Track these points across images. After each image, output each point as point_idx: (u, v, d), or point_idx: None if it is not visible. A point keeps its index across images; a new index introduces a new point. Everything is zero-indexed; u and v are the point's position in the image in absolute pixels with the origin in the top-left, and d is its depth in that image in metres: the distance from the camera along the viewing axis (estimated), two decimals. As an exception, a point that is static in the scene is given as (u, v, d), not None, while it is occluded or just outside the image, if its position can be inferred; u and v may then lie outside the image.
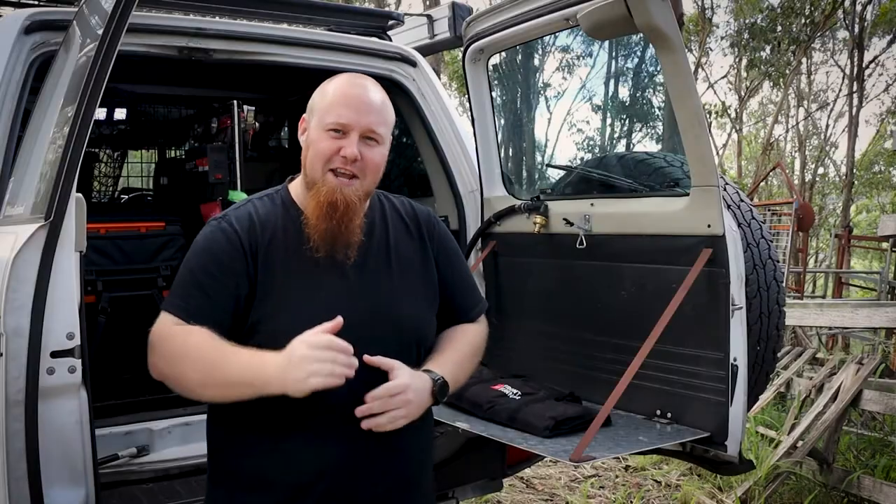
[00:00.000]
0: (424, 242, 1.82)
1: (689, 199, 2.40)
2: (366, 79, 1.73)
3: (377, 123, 1.66)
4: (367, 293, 1.69)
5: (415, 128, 3.46)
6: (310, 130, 1.69)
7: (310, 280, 1.66)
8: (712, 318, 2.35)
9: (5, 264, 1.76)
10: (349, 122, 1.63)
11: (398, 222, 1.81)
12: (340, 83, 1.69)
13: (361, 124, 1.64)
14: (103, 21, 1.78)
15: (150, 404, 2.78)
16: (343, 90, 1.67)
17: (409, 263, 1.77)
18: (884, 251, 12.11)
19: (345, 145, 1.62)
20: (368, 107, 1.66)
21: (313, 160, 1.66)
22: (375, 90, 1.70)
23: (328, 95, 1.68)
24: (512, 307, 3.13)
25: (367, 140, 1.65)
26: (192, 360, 1.57)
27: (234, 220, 1.68)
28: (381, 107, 1.69)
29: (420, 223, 1.83)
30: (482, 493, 3.39)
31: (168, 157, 4.70)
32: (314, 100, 1.71)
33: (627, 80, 6.60)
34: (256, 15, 3.10)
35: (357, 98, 1.66)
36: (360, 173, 1.65)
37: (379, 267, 1.73)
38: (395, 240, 1.77)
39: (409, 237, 1.81)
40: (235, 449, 1.70)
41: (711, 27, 19.62)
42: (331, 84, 1.70)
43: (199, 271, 1.64)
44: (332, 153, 1.63)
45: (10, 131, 2.33)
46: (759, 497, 4.52)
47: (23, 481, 1.75)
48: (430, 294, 1.80)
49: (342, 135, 1.63)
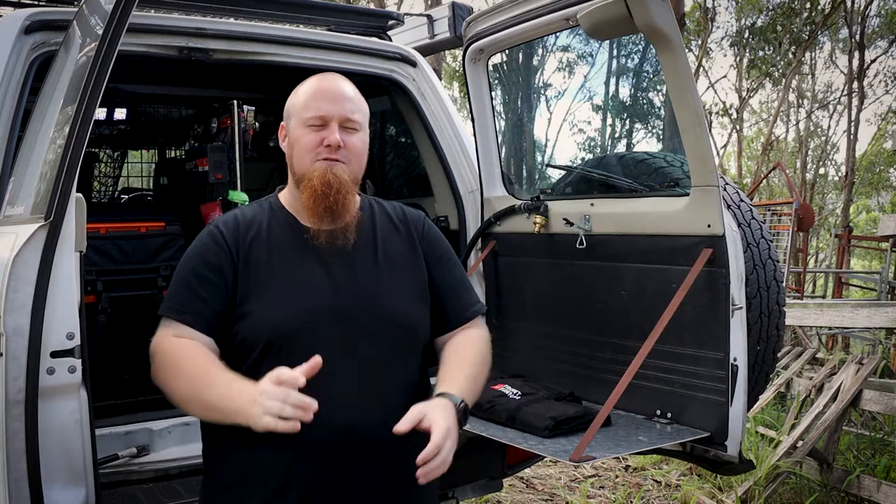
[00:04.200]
0: (413, 241, 1.84)
1: (689, 199, 2.40)
2: (336, 74, 1.80)
3: (353, 111, 1.73)
4: (352, 284, 1.71)
5: (415, 128, 3.46)
6: (290, 132, 1.76)
7: (294, 272, 1.69)
8: (712, 318, 2.35)
9: (5, 264, 1.76)
10: (327, 112, 1.70)
11: (386, 223, 1.85)
12: (311, 81, 1.77)
13: (339, 113, 1.71)
14: (103, 21, 1.78)
15: (150, 404, 2.78)
16: (315, 86, 1.75)
17: (396, 257, 1.79)
18: (884, 251, 12.11)
19: (327, 135, 1.69)
20: (343, 96, 1.73)
21: (300, 155, 1.72)
22: (345, 83, 1.78)
23: (302, 95, 1.75)
24: (512, 307, 3.13)
25: (347, 128, 1.72)
26: (182, 375, 1.61)
27: (221, 224, 1.76)
28: (354, 96, 1.76)
29: (409, 224, 1.87)
30: (482, 493, 3.39)
31: (168, 157, 4.69)
32: (289, 104, 1.78)
33: (627, 79, 6.60)
34: (256, 15, 3.10)
35: (330, 90, 1.73)
36: (346, 159, 1.71)
37: (365, 259, 1.75)
38: (383, 236, 1.80)
39: (398, 234, 1.83)
40: (221, 451, 1.72)
41: (712, 27, 19.62)
42: (302, 85, 1.78)
43: (189, 272, 1.71)
44: (317, 144, 1.70)
45: (10, 131, 2.33)
46: (759, 497, 4.52)
47: (23, 481, 1.75)
48: (419, 288, 1.80)
49: (322, 127, 1.70)
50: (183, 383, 1.60)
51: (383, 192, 4.29)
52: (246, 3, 3.06)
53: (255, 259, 1.70)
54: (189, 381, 1.60)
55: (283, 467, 1.64)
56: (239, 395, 1.49)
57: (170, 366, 1.63)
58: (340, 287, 1.70)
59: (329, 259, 1.72)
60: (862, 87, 20.51)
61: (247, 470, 1.67)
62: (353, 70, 3.19)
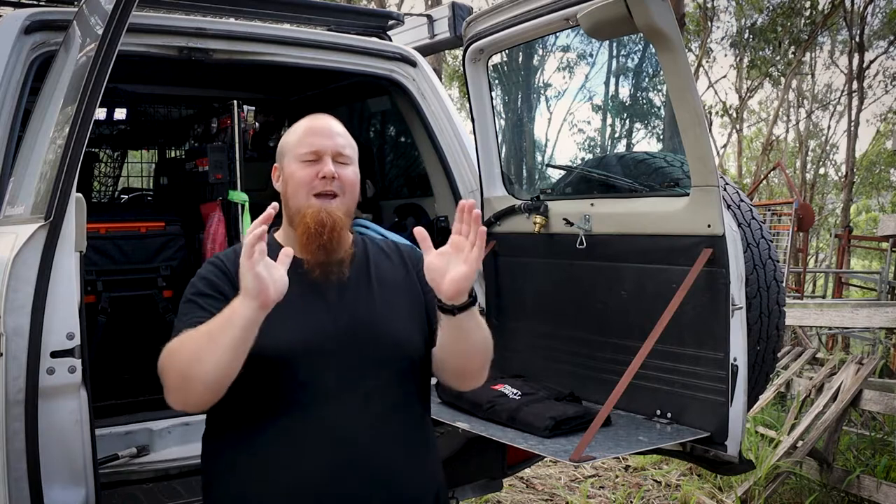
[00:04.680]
0: (407, 267, 1.88)
1: (689, 199, 2.40)
2: (324, 115, 1.87)
3: (344, 146, 1.79)
4: (347, 309, 1.73)
5: (415, 128, 3.46)
6: (284, 170, 1.80)
7: (290, 301, 1.67)
8: (712, 318, 2.35)
9: (5, 264, 1.76)
10: (320, 147, 1.76)
11: (378, 253, 1.89)
12: (303, 122, 1.83)
13: (331, 147, 1.77)
14: (103, 21, 1.78)
15: (150, 404, 2.78)
16: (308, 125, 1.81)
17: (391, 283, 1.82)
18: (884, 251, 12.10)
19: (321, 167, 1.74)
20: (334, 132, 1.80)
21: (295, 190, 1.76)
22: (335, 122, 1.85)
23: (294, 134, 1.81)
24: (512, 307, 3.13)
25: (339, 162, 1.77)
26: (186, 349, 1.57)
27: (221, 255, 1.81)
28: (344, 133, 1.83)
29: (402, 253, 1.91)
30: (482, 493, 3.39)
31: (168, 157, 4.69)
32: (282, 144, 1.83)
33: (627, 79, 6.58)
34: (256, 15, 3.10)
35: (322, 128, 1.80)
36: (340, 191, 1.76)
37: (359, 287, 1.78)
38: (376, 264, 1.84)
39: (390, 262, 1.87)
40: (219, 470, 1.73)
41: (711, 27, 19.63)
42: (294, 127, 1.84)
43: (195, 294, 1.72)
44: (312, 178, 1.74)
45: (10, 131, 2.33)
46: (759, 497, 4.52)
47: (23, 481, 1.75)
48: (415, 312, 1.81)
49: (316, 161, 1.75)
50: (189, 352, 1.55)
51: (383, 192, 4.29)
52: (246, 3, 3.06)
53: None
54: (193, 345, 1.55)
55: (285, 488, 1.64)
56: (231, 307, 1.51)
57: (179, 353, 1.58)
58: (336, 315, 1.71)
59: (324, 290, 1.74)
60: (862, 88, 20.51)
61: (247, 478, 1.67)
62: (353, 70, 3.20)
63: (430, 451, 1.86)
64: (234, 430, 1.68)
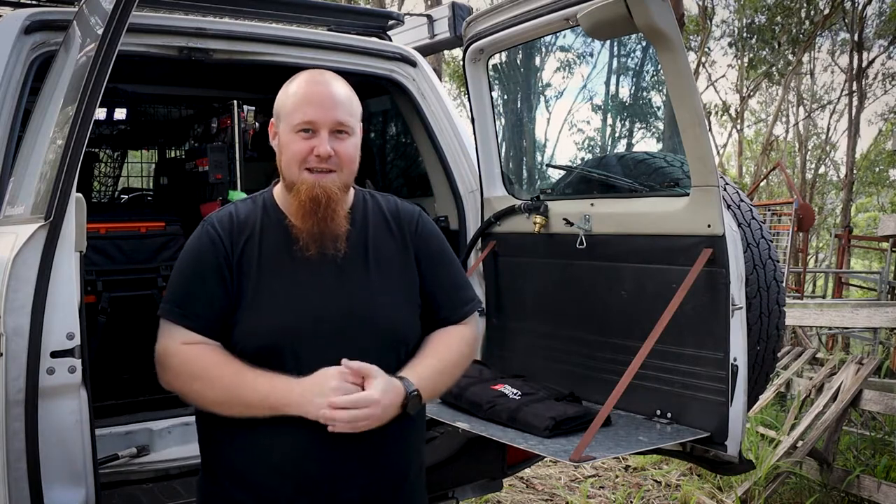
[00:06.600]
0: (406, 240, 1.81)
1: (689, 199, 2.40)
2: (326, 73, 1.74)
3: (344, 115, 1.68)
4: (342, 291, 1.70)
5: (415, 128, 3.46)
6: (280, 134, 1.71)
7: (283, 279, 1.68)
8: (712, 318, 2.35)
9: (5, 264, 1.75)
10: (316, 118, 1.65)
11: (380, 221, 1.81)
12: (302, 82, 1.71)
13: (329, 119, 1.66)
14: (103, 21, 1.78)
15: (150, 404, 2.79)
16: (305, 89, 1.69)
17: (388, 263, 1.77)
18: (884, 251, 12.11)
19: (316, 144, 1.65)
20: (333, 101, 1.68)
21: (288, 163, 1.69)
22: (337, 83, 1.72)
23: (291, 96, 1.69)
24: (512, 307, 3.13)
25: (338, 133, 1.67)
26: (210, 381, 1.63)
27: (217, 223, 1.73)
28: (345, 98, 1.70)
29: (402, 221, 1.83)
30: (482, 493, 3.39)
31: (168, 157, 4.70)
32: (279, 103, 1.73)
33: (627, 79, 6.59)
34: (256, 15, 3.10)
35: (320, 94, 1.67)
36: (336, 167, 1.68)
37: (356, 265, 1.73)
38: (374, 239, 1.77)
39: (390, 236, 1.80)
40: (216, 442, 1.74)
41: (711, 26, 19.62)
42: (293, 84, 1.72)
43: (191, 275, 1.71)
44: (306, 153, 1.66)
45: (10, 131, 2.33)
46: (759, 497, 4.52)
47: (23, 481, 1.75)
48: (410, 293, 1.78)
49: (312, 133, 1.66)
50: (218, 390, 1.62)
51: (383, 191, 4.28)
52: (246, 3, 3.06)
53: (246, 266, 1.69)
54: (220, 386, 1.62)
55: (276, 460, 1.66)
56: (292, 392, 1.57)
57: (187, 372, 1.65)
58: (329, 298, 1.68)
59: (318, 269, 1.70)
60: (861, 88, 20.51)
61: (243, 460, 1.68)
62: (352, 70, 3.19)
63: (419, 430, 1.86)
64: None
